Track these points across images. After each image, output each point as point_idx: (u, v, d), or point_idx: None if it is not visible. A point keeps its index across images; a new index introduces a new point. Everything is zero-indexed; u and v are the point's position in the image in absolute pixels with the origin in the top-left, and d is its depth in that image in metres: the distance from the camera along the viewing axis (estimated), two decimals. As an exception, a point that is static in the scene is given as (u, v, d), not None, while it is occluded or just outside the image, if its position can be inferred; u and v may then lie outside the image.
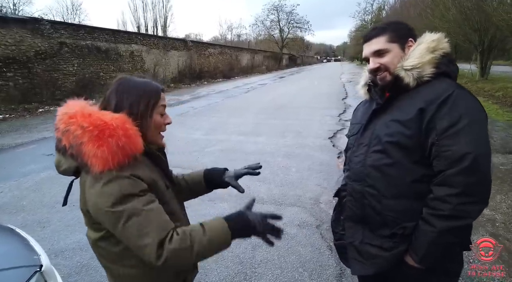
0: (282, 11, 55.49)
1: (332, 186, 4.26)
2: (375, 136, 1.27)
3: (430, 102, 1.14)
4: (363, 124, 1.35)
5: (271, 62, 45.49)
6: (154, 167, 1.10)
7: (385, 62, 1.25)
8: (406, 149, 1.18)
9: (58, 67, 13.15)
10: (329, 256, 2.78)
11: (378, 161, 1.24)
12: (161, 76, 20.04)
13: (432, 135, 1.12)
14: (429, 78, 1.20)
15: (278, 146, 6.24)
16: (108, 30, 16.50)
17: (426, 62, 1.20)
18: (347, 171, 1.43)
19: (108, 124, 0.96)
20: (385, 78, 1.27)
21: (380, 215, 1.25)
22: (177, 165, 5.08)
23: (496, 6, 11.42)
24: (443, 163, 1.10)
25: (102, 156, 0.93)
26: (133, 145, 0.98)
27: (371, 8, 65.06)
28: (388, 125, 1.23)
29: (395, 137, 1.19)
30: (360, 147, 1.33)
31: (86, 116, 0.97)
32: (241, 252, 2.86)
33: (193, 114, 10.05)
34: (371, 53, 1.29)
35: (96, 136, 0.94)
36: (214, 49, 29.24)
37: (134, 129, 1.00)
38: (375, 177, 1.25)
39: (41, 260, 1.66)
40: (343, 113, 9.67)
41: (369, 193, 1.28)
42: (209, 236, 0.98)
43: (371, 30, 1.32)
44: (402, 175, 1.19)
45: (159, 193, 1.05)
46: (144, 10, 37.20)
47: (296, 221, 3.39)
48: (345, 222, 1.42)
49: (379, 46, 1.26)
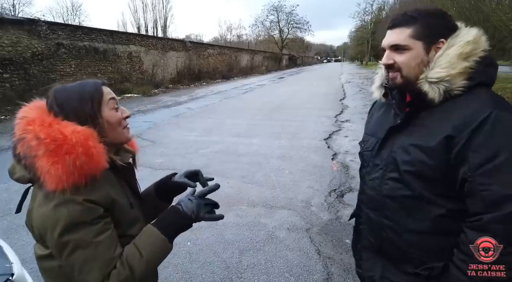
0: (282, 12, 55.61)
1: (324, 188, 4.22)
2: (392, 160, 1.07)
3: (461, 128, 0.92)
4: (379, 141, 1.14)
5: (271, 63, 45.46)
6: (118, 183, 1.01)
7: (400, 62, 1.04)
8: (428, 180, 0.99)
9: (55, 68, 13.11)
10: (316, 260, 2.74)
11: (395, 191, 1.06)
12: (160, 77, 20.02)
13: (463, 169, 0.92)
14: (459, 92, 0.98)
15: (272, 147, 6.20)
16: (106, 31, 16.48)
17: (457, 74, 0.97)
18: (361, 193, 1.25)
19: (68, 139, 0.86)
20: (395, 80, 1.07)
21: (402, 250, 1.08)
22: (170, 167, 5.04)
23: (495, 7, 11.38)
24: (479, 205, 0.91)
25: (56, 174, 0.84)
26: (93, 165, 0.88)
27: (371, 9, 65.14)
28: (407, 150, 1.03)
29: (415, 166, 1.00)
30: (375, 168, 1.14)
31: (45, 125, 0.87)
32: (228, 256, 2.82)
33: (190, 115, 10.01)
34: (388, 45, 1.06)
35: (52, 151, 0.85)
36: (213, 50, 29.21)
37: (98, 147, 0.90)
38: (393, 208, 1.07)
39: (13, 268, 1.62)
40: (340, 114, 9.63)
41: (387, 225, 1.10)
42: (146, 255, 0.92)
43: (400, 14, 1.07)
44: (425, 209, 1.00)
45: (121, 214, 0.97)
46: (144, 11, 37.38)
47: (285, 224, 3.35)
48: (362, 251, 1.26)
49: (399, 41, 1.03)
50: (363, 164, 1.25)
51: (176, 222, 1.00)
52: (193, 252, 2.87)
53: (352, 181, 4.47)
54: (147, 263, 0.92)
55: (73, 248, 0.86)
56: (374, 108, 1.33)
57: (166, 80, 20.47)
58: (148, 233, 0.97)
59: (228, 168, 5.02)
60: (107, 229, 0.90)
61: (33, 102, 0.98)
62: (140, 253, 0.92)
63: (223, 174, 4.76)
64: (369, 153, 1.19)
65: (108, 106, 0.99)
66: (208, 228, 3.25)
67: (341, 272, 2.59)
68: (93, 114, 0.95)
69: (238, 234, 3.17)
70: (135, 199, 1.09)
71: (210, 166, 5.11)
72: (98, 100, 0.97)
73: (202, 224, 3.63)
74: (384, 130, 1.12)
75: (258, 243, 3.00)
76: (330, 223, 3.34)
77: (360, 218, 1.26)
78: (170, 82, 20.56)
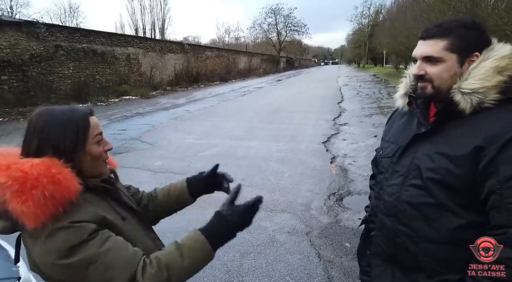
0: (280, 15, 55.95)
1: (323, 191, 4.25)
2: (414, 167, 1.06)
3: (492, 140, 0.92)
4: (401, 148, 1.13)
5: (269, 65, 45.58)
6: (101, 201, 0.97)
7: (432, 74, 1.03)
8: (452, 189, 0.98)
9: (53, 70, 13.10)
10: (317, 264, 2.76)
11: (416, 198, 1.04)
12: (158, 79, 20.04)
13: (491, 181, 0.92)
14: (490, 105, 0.97)
15: (271, 150, 6.23)
16: (104, 33, 16.50)
17: (491, 87, 0.97)
18: (376, 199, 1.22)
19: (28, 174, 0.83)
20: (425, 90, 1.05)
21: (416, 258, 1.06)
22: (169, 170, 5.06)
23: (491, 11, 11.50)
24: (505, 218, 0.90)
25: (29, 212, 0.80)
26: (64, 191, 0.84)
27: (368, 12, 65.51)
28: (432, 158, 1.02)
29: (440, 174, 0.99)
30: (395, 175, 1.12)
31: (3, 169, 0.84)
32: (229, 260, 2.83)
33: (188, 118, 10.03)
34: (421, 56, 1.05)
35: (17, 191, 0.81)
36: (211, 52, 29.28)
37: (64, 172, 0.86)
38: (411, 215, 1.06)
39: (20, 272, 1.64)
40: (338, 117, 9.68)
41: (403, 232, 1.08)
42: (188, 261, 0.90)
43: (434, 26, 1.06)
44: (445, 218, 0.99)
45: (113, 229, 0.93)
46: (142, 13, 37.01)
47: (286, 227, 3.37)
48: (372, 258, 1.24)
49: (433, 52, 1.02)
50: (381, 170, 1.23)
51: (224, 234, 0.99)
52: (194, 256, 2.89)
53: (351, 184, 4.51)
54: (186, 272, 0.91)
55: (85, 266, 0.83)
56: (395, 116, 1.31)
57: (164, 83, 20.49)
58: (194, 241, 0.95)
59: (227, 171, 4.97)
60: (109, 236, 0.88)
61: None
62: (182, 259, 0.91)
63: (223, 177, 4.77)
64: (389, 160, 1.18)
65: (93, 141, 0.96)
66: (209, 232, 3.27)
67: (341, 275, 2.62)
68: (75, 147, 0.92)
69: (239, 237, 3.13)
70: (125, 210, 1.05)
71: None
72: (84, 133, 0.94)
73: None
74: (406, 138, 1.12)
75: (258, 247, 3.02)
76: (329, 227, 3.37)
77: (372, 224, 1.25)
78: (168, 85, 20.58)
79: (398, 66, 40.31)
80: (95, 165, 0.98)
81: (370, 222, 1.28)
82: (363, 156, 5.82)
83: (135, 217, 1.09)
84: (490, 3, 12.25)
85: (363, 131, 7.79)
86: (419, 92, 1.10)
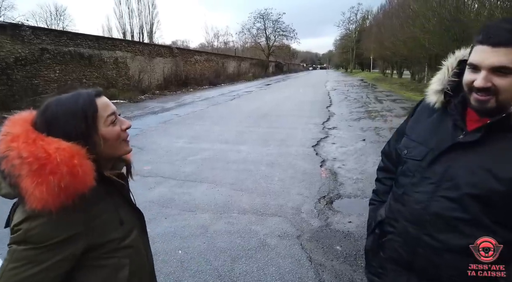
0: (268, 19, 56.27)
1: (313, 195, 4.26)
2: (449, 177, 0.98)
3: None
4: (432, 152, 1.04)
5: (258, 70, 45.73)
6: (109, 197, 0.97)
7: (502, 87, 0.90)
8: (491, 207, 0.91)
9: (39, 73, 12.87)
10: (308, 267, 2.76)
11: (448, 211, 0.97)
12: (146, 83, 19.87)
13: None
14: None
15: (261, 154, 6.23)
16: (91, 37, 16.31)
17: None
18: (398, 202, 1.13)
19: (52, 158, 0.81)
20: (486, 104, 0.93)
21: (437, 269, 1.01)
22: (158, 174, 5.00)
23: (474, 18, 11.82)
24: None
25: (41, 197, 0.79)
26: (79, 184, 0.83)
27: (355, 18, 66.53)
28: (474, 171, 0.93)
29: (481, 190, 0.92)
30: (425, 181, 1.04)
31: (29, 142, 0.82)
32: (220, 264, 2.81)
33: (177, 122, 9.96)
34: (489, 67, 0.90)
35: (35, 171, 0.80)
36: (201, 56, 29.22)
37: (85, 164, 0.85)
38: (440, 228, 0.98)
39: None
40: (327, 121, 9.75)
41: (428, 243, 1.01)
42: None
43: (506, 30, 0.90)
44: (477, 234, 0.93)
45: (106, 230, 0.94)
46: (130, 16, 36.73)
47: (277, 231, 3.36)
48: (387, 262, 1.19)
49: (506, 63, 0.88)
50: (406, 173, 1.12)
51: None
52: (185, 261, 2.86)
53: (340, 187, 4.54)
54: None
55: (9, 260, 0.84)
56: (421, 112, 1.19)
57: (152, 86, 20.33)
58: None
59: (217, 175, 5.02)
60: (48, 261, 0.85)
61: (19, 114, 0.92)
62: None
63: (213, 181, 4.76)
64: (417, 163, 1.07)
65: (107, 121, 0.94)
66: (200, 236, 3.24)
67: (333, 278, 2.62)
68: (86, 131, 0.90)
69: (230, 241, 3.17)
70: (128, 212, 1.05)
71: (199, 173, 5.10)
72: (93, 117, 0.92)
73: (193, 231, 3.57)
74: (439, 141, 1.03)
75: (250, 251, 3.01)
76: (320, 230, 3.38)
77: (390, 227, 1.16)
78: (157, 88, 20.42)
79: (384, 71, 40.98)
80: (115, 145, 0.96)
81: (388, 224, 1.18)
82: (352, 159, 5.87)
83: (137, 220, 1.09)
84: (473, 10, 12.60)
85: (352, 135, 7.87)
86: (475, 104, 0.96)
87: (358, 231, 3.32)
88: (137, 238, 1.06)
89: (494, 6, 10.64)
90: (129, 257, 1.00)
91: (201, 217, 3.64)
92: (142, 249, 1.09)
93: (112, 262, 0.97)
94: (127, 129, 1.01)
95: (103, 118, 0.94)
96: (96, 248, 0.94)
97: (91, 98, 0.94)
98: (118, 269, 0.98)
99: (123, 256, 0.98)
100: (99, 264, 0.95)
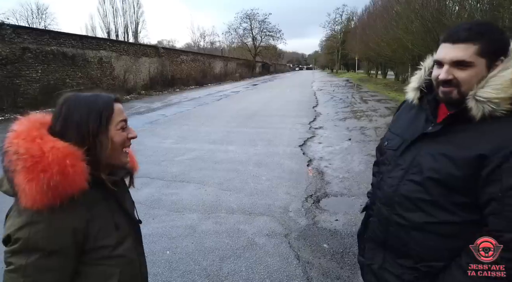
0: (255, 20, 56.24)
1: (301, 194, 4.30)
2: (416, 163, 1.10)
3: (497, 149, 0.94)
4: (405, 143, 1.16)
5: (245, 70, 45.72)
6: (102, 202, 0.98)
7: (461, 78, 1.01)
8: (448, 189, 1.02)
9: (20, 73, 12.55)
10: (296, 265, 2.79)
11: (413, 193, 1.09)
12: (132, 83, 19.63)
13: (493, 189, 0.95)
14: (501, 115, 0.98)
15: (248, 154, 6.24)
16: (75, 36, 16.01)
17: (506, 98, 0.97)
18: (376, 188, 1.27)
19: (44, 156, 0.83)
20: (450, 95, 1.04)
21: (406, 246, 1.13)
22: (145, 174, 4.95)
23: (455, 20, 12.12)
24: (503, 224, 0.95)
25: (30, 194, 0.82)
26: (68, 185, 0.84)
27: (340, 19, 67.27)
28: (435, 158, 1.05)
29: (440, 174, 1.02)
30: (397, 168, 1.16)
31: (27, 140, 0.86)
32: (208, 264, 2.81)
33: (164, 122, 9.88)
34: (450, 61, 1.02)
35: (28, 168, 0.82)
36: (187, 56, 29.04)
37: (78, 165, 0.87)
38: (407, 208, 1.11)
39: None
40: (313, 121, 9.85)
41: (397, 222, 1.14)
42: None
43: (463, 29, 1.02)
44: (439, 214, 1.04)
45: (100, 234, 0.95)
46: (114, 15, 36.15)
47: (265, 230, 3.39)
48: (367, 242, 1.33)
49: (465, 57, 1.00)
50: (384, 162, 1.26)
51: None
52: (173, 261, 2.85)
53: (327, 186, 4.60)
54: None
55: (12, 270, 0.86)
56: (403, 108, 1.33)
57: (138, 86, 20.09)
58: None
59: (205, 175, 5.01)
60: (47, 269, 0.87)
61: (30, 115, 0.96)
62: None
63: (201, 181, 4.75)
64: (393, 152, 1.21)
65: (117, 126, 0.98)
66: (188, 236, 3.23)
67: (320, 276, 2.66)
68: (97, 130, 0.93)
69: (218, 241, 3.17)
70: (123, 220, 1.04)
71: (187, 174, 5.08)
72: (108, 117, 0.96)
73: (181, 232, 3.56)
74: (411, 133, 1.15)
75: (238, 250, 3.02)
76: (308, 228, 3.42)
77: (371, 211, 1.31)
78: (143, 89, 20.19)
79: (369, 72, 41.60)
80: (116, 152, 0.99)
81: (370, 209, 1.34)
82: (338, 158, 5.95)
83: (132, 228, 1.09)
84: (454, 12, 12.92)
85: (338, 134, 7.97)
86: (441, 96, 1.08)
87: (344, 229, 3.37)
88: (130, 248, 1.05)
89: (474, 8, 10.94)
90: (120, 266, 0.99)
91: (189, 217, 3.63)
92: (135, 260, 1.08)
93: (101, 269, 0.96)
94: (132, 139, 1.04)
95: (116, 122, 0.98)
96: (88, 252, 0.94)
97: (110, 101, 0.99)
98: (107, 278, 0.97)
99: (114, 264, 0.98)
100: (88, 271, 0.95)
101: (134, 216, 1.12)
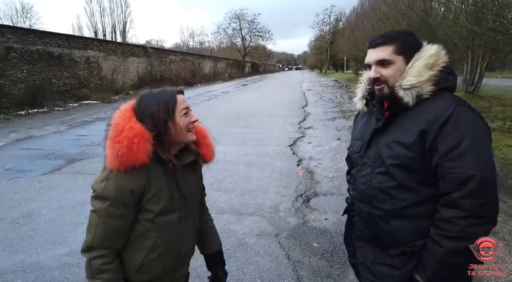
0: (244, 20, 56.29)
1: (291, 193, 4.33)
2: (378, 157, 1.24)
3: (431, 123, 1.11)
4: (365, 143, 1.31)
5: (234, 70, 45.68)
6: (162, 176, 1.20)
7: (386, 75, 1.21)
8: (410, 171, 1.15)
9: (4, 73, 12.30)
10: (286, 265, 2.81)
11: (383, 183, 1.21)
12: (120, 83, 19.40)
13: (435, 157, 1.10)
14: (428, 96, 1.16)
15: (239, 154, 6.24)
16: (61, 35, 15.74)
17: (425, 81, 1.15)
18: (353, 190, 1.39)
19: (123, 131, 1.10)
20: (382, 91, 1.23)
21: (390, 236, 1.23)
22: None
23: (440, 21, 12.34)
24: (449, 185, 1.08)
25: (109, 156, 1.11)
26: (131, 157, 1.09)
27: (329, 19, 67.79)
28: (390, 147, 1.19)
29: (398, 160, 1.16)
30: (365, 166, 1.30)
31: (122, 118, 1.14)
32: (199, 265, 2.78)
33: (153, 123, 9.79)
34: (374, 61, 1.23)
35: (111, 137, 1.11)
36: (176, 56, 28.86)
37: (142, 144, 1.10)
38: (381, 199, 1.23)
39: None
40: (303, 121, 9.90)
41: (376, 215, 1.25)
42: None
43: (379, 36, 1.26)
44: (409, 196, 1.17)
45: (156, 199, 1.18)
46: (102, 15, 35.55)
47: (255, 230, 3.39)
48: (356, 241, 1.41)
49: (384, 56, 1.21)
50: (352, 165, 1.41)
51: None
52: (163, 263, 2.83)
53: (317, 186, 4.63)
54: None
55: (94, 210, 1.16)
56: (358, 117, 1.51)
57: (126, 87, 19.89)
58: None
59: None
60: (117, 216, 1.14)
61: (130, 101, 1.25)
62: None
63: (190, 182, 4.72)
64: (358, 154, 1.36)
65: (181, 113, 1.22)
66: (178, 237, 3.22)
67: (310, 275, 2.68)
68: (166, 118, 1.18)
69: (208, 242, 3.16)
70: (179, 194, 1.25)
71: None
72: (173, 106, 1.20)
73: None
74: (368, 133, 1.31)
75: (228, 250, 3.02)
76: (298, 228, 3.44)
77: (352, 212, 1.41)
78: (131, 89, 19.99)
79: (358, 72, 41.95)
80: (183, 133, 1.23)
81: (351, 211, 1.43)
82: (327, 158, 6.00)
83: (183, 205, 1.27)
84: (439, 13, 13.15)
85: (327, 134, 8.04)
86: (377, 94, 1.26)
87: (334, 228, 3.41)
88: (175, 221, 1.25)
89: (459, 10, 11.15)
90: (159, 232, 1.21)
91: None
92: (177, 231, 1.26)
93: (143, 228, 1.20)
94: (195, 122, 1.27)
95: (179, 110, 1.22)
96: (140, 210, 1.19)
97: (174, 94, 1.23)
98: (145, 238, 1.20)
99: (154, 229, 1.20)
100: (135, 225, 1.20)
101: (185, 194, 1.28)
